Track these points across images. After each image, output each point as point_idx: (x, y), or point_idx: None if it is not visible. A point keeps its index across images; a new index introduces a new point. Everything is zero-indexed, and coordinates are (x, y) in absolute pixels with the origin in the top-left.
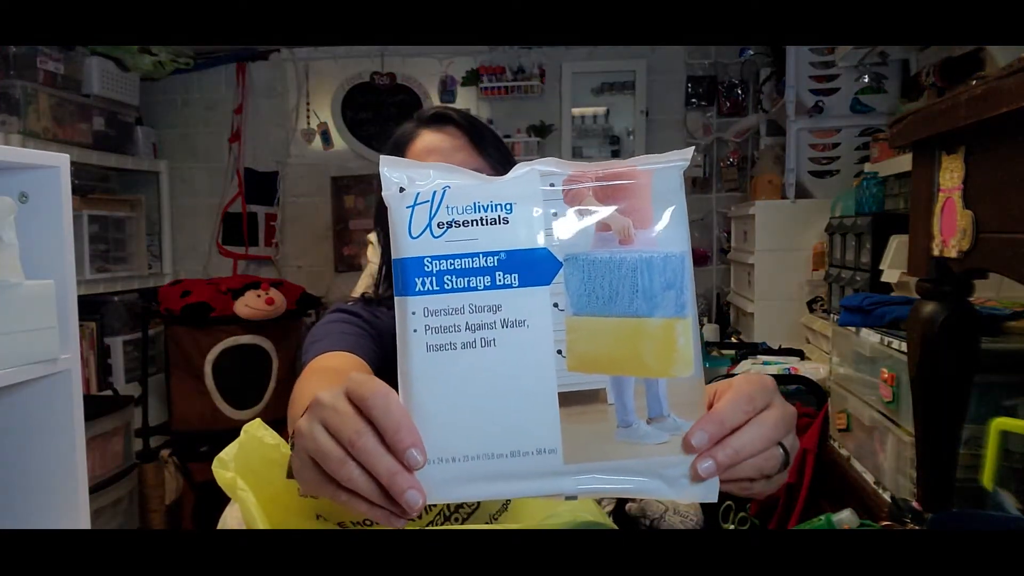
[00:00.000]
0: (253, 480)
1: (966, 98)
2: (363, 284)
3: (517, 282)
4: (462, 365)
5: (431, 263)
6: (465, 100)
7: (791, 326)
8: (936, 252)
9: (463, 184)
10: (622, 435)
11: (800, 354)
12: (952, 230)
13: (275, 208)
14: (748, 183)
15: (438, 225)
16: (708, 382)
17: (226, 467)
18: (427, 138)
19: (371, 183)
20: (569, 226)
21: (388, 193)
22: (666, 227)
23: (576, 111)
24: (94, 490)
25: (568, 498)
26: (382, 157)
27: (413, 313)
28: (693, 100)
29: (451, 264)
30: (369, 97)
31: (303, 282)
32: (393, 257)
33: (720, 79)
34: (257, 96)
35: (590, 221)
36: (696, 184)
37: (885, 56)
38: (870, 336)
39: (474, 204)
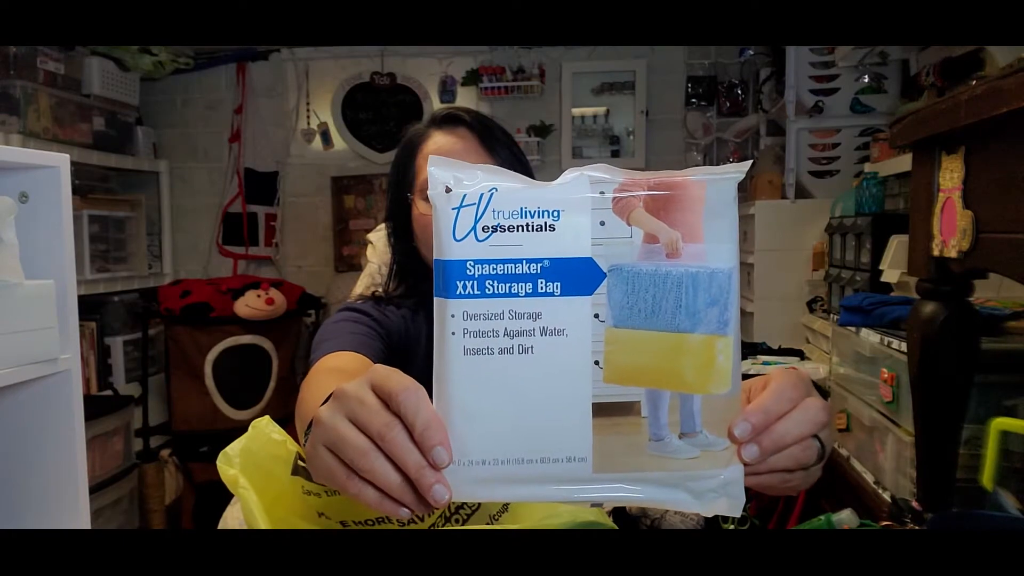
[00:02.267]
0: (257, 476)
1: (966, 98)
2: (362, 284)
3: (559, 291)
4: (498, 370)
5: (474, 267)
6: (465, 100)
7: (791, 326)
8: (936, 252)
9: (510, 188)
10: (653, 448)
11: (800, 354)
12: (952, 230)
13: (275, 208)
14: (748, 183)
15: (483, 229)
16: None
17: (230, 463)
18: (438, 139)
19: (371, 183)
20: (616, 236)
21: (434, 192)
22: (715, 242)
23: (576, 111)
24: (94, 490)
25: (593, 505)
26: (431, 156)
27: (452, 316)
28: (693, 100)
29: (494, 269)
30: (369, 97)
31: (303, 282)
32: (435, 258)
33: (720, 79)
34: (257, 96)
35: (638, 233)
36: None
37: (885, 56)
38: (870, 336)
39: (520, 209)
